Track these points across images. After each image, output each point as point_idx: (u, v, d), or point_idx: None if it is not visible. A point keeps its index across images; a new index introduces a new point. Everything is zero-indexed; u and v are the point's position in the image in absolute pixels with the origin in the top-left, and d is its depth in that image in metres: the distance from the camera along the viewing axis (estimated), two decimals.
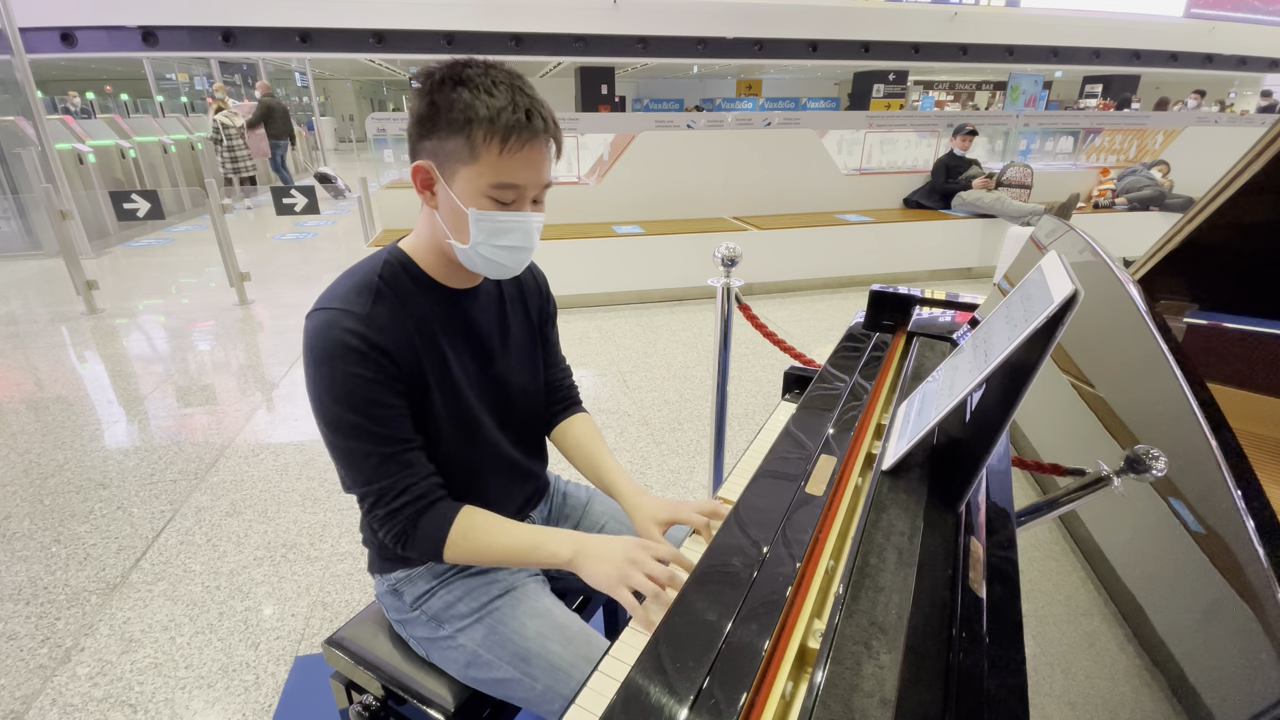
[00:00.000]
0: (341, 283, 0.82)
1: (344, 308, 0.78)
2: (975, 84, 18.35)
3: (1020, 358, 0.60)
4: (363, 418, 0.77)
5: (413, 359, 0.82)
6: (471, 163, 0.74)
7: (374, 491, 0.81)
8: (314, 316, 0.78)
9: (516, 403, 0.98)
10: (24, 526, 2.03)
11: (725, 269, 1.77)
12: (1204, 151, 5.63)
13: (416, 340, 0.82)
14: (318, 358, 0.77)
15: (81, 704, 1.43)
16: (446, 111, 0.73)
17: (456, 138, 0.73)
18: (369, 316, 0.78)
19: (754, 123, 5.13)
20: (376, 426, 0.78)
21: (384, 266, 0.83)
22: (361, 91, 22.15)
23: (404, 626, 0.97)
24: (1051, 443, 0.90)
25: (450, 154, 0.75)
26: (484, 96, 0.72)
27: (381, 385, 0.78)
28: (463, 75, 0.73)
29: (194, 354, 3.46)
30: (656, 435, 2.57)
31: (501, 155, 0.74)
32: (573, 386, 1.13)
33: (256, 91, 8.46)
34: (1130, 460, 0.63)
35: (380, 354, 0.77)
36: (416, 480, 0.82)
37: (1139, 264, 1.35)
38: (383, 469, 0.80)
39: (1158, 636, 0.53)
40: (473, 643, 0.89)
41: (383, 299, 0.80)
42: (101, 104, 14.97)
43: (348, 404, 0.77)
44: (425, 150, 0.77)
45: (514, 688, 0.86)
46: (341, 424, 0.78)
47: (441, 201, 0.79)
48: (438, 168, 0.77)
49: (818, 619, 0.63)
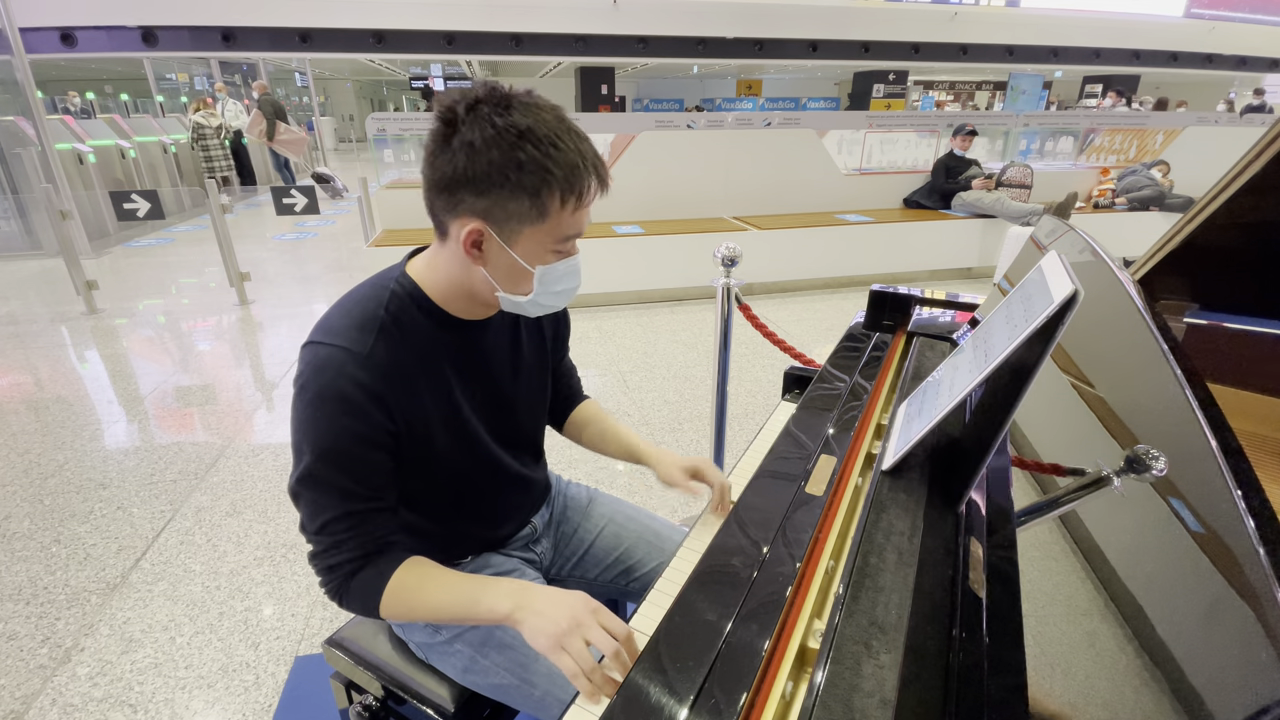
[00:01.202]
0: (342, 313, 0.77)
1: (344, 346, 0.73)
2: (975, 84, 18.36)
3: (1020, 358, 0.60)
4: (335, 472, 0.74)
5: (411, 399, 0.78)
6: (540, 222, 0.71)
7: (321, 543, 0.77)
8: (312, 350, 0.74)
9: (523, 422, 0.97)
10: (24, 526, 2.03)
11: (725, 269, 1.77)
12: (1204, 151, 5.62)
13: (420, 378, 0.79)
14: (309, 399, 0.73)
15: (81, 704, 1.43)
16: (514, 173, 0.67)
17: (519, 198, 0.69)
18: (369, 357, 0.74)
19: (754, 123, 5.13)
20: (346, 482, 0.75)
21: (390, 299, 0.78)
22: (361, 91, 22.15)
23: (403, 630, 0.98)
24: (1051, 443, 0.90)
25: (513, 214, 0.70)
26: (551, 151, 0.67)
27: (366, 440, 0.74)
28: (519, 127, 0.67)
29: (194, 354, 3.46)
30: (656, 435, 2.57)
31: (573, 213, 0.72)
32: (578, 382, 1.15)
33: (254, 92, 8.46)
34: (1130, 460, 0.63)
35: (375, 403, 0.74)
36: (365, 541, 0.77)
37: (1139, 264, 1.35)
38: (336, 524, 0.76)
39: (1158, 636, 0.53)
40: (470, 648, 0.89)
41: (385, 335, 0.76)
42: (101, 104, 14.97)
43: (325, 456, 0.73)
44: (476, 210, 0.70)
45: (512, 693, 0.86)
46: (311, 473, 0.74)
47: (493, 259, 0.74)
48: (494, 228, 0.71)
49: (818, 619, 0.63)
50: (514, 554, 1.03)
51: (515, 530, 1.03)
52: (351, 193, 6.94)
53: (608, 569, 1.07)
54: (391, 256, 0.87)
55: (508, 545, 1.03)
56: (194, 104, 7.98)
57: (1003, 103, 16.68)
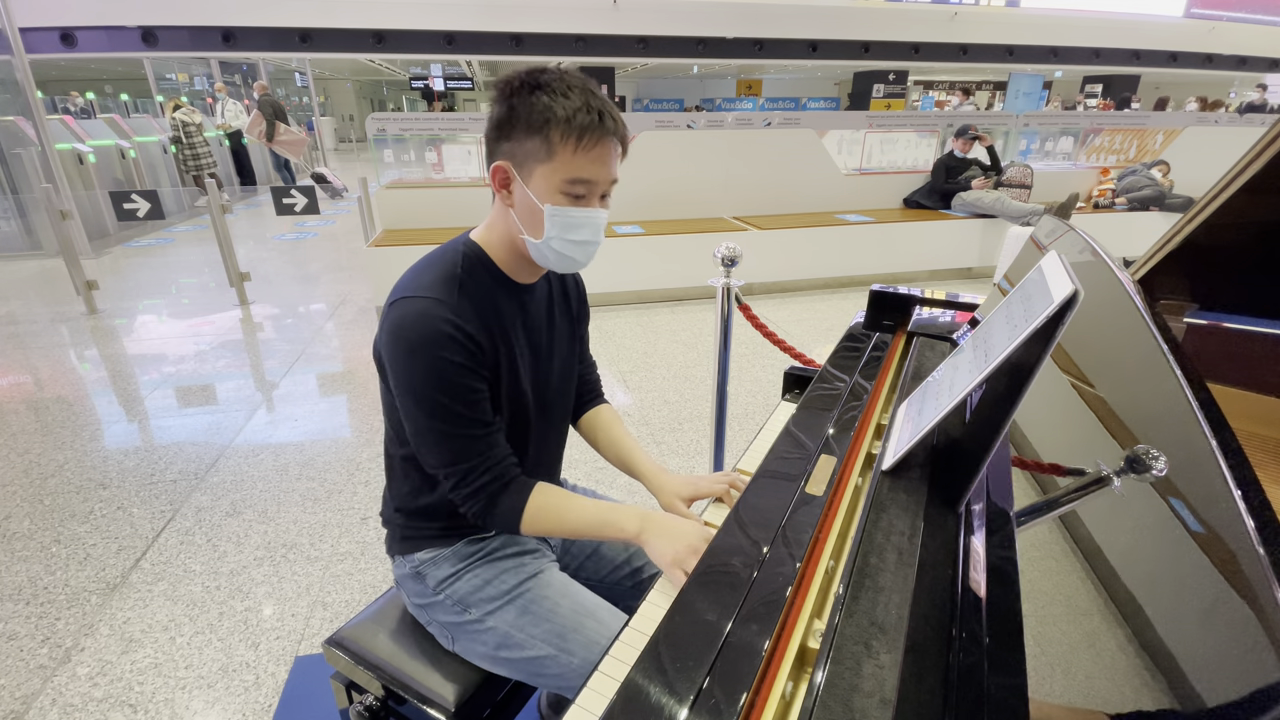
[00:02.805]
0: (425, 273, 0.85)
1: (435, 297, 0.81)
2: (975, 84, 18.35)
3: (1020, 358, 0.60)
4: (455, 402, 0.82)
5: (491, 348, 0.86)
6: (548, 161, 0.79)
7: (459, 471, 0.85)
8: (404, 305, 0.82)
9: (556, 393, 1.02)
10: (24, 526, 2.03)
11: (725, 269, 1.77)
12: (1204, 151, 5.63)
13: (493, 330, 0.87)
14: (413, 345, 0.80)
15: (81, 704, 1.43)
16: (526, 114, 0.77)
17: (534, 138, 0.78)
18: (458, 306, 0.82)
19: (754, 123, 5.13)
20: (466, 410, 0.83)
21: (463, 260, 0.87)
22: (361, 91, 22.15)
23: (426, 611, 0.98)
24: (1051, 443, 0.90)
25: (528, 154, 0.79)
26: (560, 99, 0.77)
27: (472, 371, 0.83)
28: (540, 81, 0.78)
29: (194, 354, 3.45)
30: (656, 435, 2.57)
31: (576, 153, 0.78)
32: (598, 381, 1.18)
33: (254, 92, 8.45)
34: (1130, 460, 0.63)
35: (470, 341, 0.82)
36: (497, 461, 0.87)
37: (1139, 264, 1.35)
38: (467, 450, 0.85)
39: (1158, 636, 0.53)
40: (504, 624, 0.92)
41: (465, 291, 0.84)
42: (101, 104, 14.97)
43: (443, 389, 0.81)
44: (503, 152, 0.81)
45: (547, 665, 0.89)
46: (436, 408, 0.82)
47: (518, 199, 0.83)
48: (515, 167, 0.81)
49: (818, 619, 0.63)
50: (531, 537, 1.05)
51: None
52: (351, 193, 6.94)
53: (616, 569, 1.08)
54: (391, 256, 0.88)
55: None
56: (170, 102, 7.75)
57: (1003, 103, 16.68)
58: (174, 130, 7.66)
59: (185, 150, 7.72)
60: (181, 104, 7.70)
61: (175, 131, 7.65)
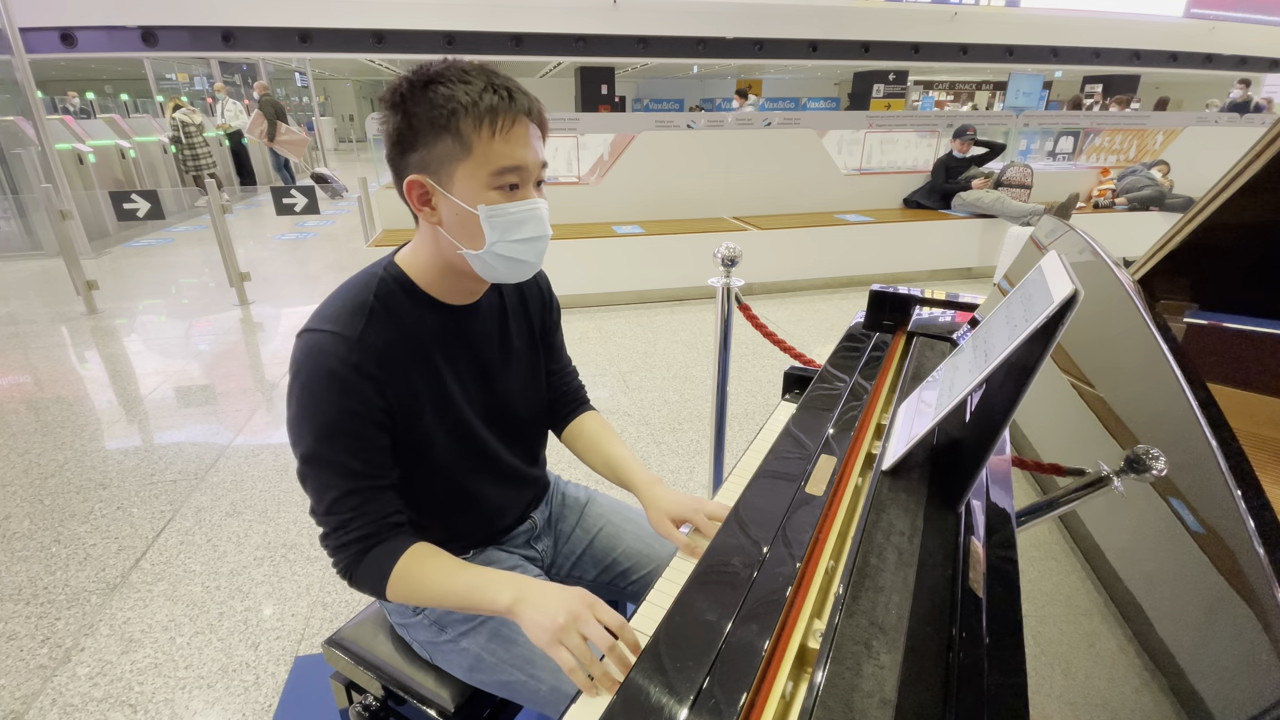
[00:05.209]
0: (334, 302, 0.79)
1: (335, 330, 0.75)
2: (975, 84, 18.35)
3: (1020, 358, 0.60)
4: (336, 450, 0.76)
5: (403, 382, 0.80)
6: (465, 157, 0.72)
7: (329, 523, 0.79)
8: (304, 338, 0.76)
9: (518, 413, 0.97)
10: (24, 526, 2.03)
11: (725, 269, 1.77)
12: (1204, 151, 5.62)
13: (410, 362, 0.80)
14: (303, 383, 0.75)
15: (81, 704, 1.43)
16: (427, 114, 0.70)
17: (444, 137, 0.71)
18: (360, 340, 0.76)
19: (754, 123, 5.13)
20: (348, 459, 0.77)
21: (379, 285, 0.80)
22: (361, 91, 22.13)
23: (406, 630, 0.97)
24: (1051, 443, 0.90)
25: (442, 157, 0.72)
26: (460, 86, 0.70)
27: (362, 418, 0.76)
28: (431, 75, 0.71)
29: (194, 354, 3.46)
30: (656, 435, 2.57)
31: (495, 139, 0.71)
32: (580, 387, 1.12)
33: (255, 92, 8.45)
34: (1130, 460, 0.63)
35: (367, 382, 0.76)
36: (374, 518, 0.79)
37: (1139, 264, 1.35)
38: (342, 503, 0.78)
39: (1158, 636, 0.53)
40: (476, 646, 0.89)
41: (375, 320, 0.78)
42: (101, 104, 14.97)
43: (324, 435, 0.75)
44: (412, 165, 0.74)
45: (519, 689, 0.86)
46: (313, 454, 0.76)
47: (445, 213, 0.76)
48: (431, 177, 0.74)
49: (818, 619, 0.63)
50: (515, 550, 1.03)
51: (514, 525, 1.03)
52: (351, 193, 6.94)
53: (605, 570, 1.07)
54: None
55: (508, 541, 1.03)
56: (170, 102, 7.72)
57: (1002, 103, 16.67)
58: (174, 130, 7.66)
59: (185, 150, 7.72)
60: (181, 104, 7.70)
61: (175, 131, 7.65)
